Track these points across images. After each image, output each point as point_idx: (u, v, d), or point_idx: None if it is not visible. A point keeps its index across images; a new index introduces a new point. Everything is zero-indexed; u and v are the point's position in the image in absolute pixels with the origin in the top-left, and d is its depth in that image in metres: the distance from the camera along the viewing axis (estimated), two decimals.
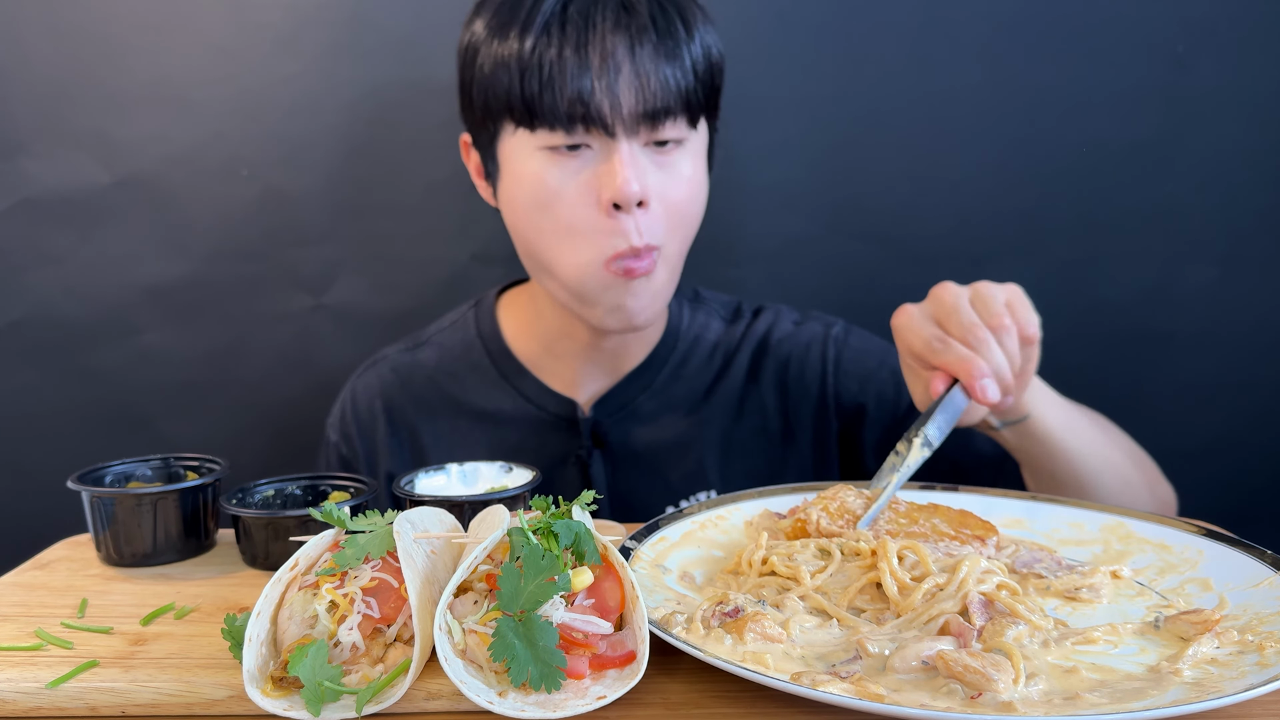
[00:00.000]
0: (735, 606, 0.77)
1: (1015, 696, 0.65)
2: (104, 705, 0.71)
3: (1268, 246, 1.66)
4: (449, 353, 1.41)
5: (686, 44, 1.16)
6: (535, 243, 1.22)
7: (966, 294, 1.04)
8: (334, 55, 1.60)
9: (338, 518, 0.76)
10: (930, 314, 1.05)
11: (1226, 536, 0.89)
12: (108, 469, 1.01)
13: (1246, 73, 1.60)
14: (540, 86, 1.13)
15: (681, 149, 1.20)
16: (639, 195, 1.14)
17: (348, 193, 1.65)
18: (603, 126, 1.13)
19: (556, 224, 1.18)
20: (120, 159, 1.61)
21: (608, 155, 1.15)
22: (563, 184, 1.16)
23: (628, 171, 1.13)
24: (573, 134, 1.14)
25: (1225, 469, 1.72)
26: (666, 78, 1.14)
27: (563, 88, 1.12)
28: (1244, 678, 0.67)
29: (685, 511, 0.98)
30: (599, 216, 1.16)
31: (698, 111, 1.20)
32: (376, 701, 0.66)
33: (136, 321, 1.66)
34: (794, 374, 1.37)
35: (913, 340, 1.05)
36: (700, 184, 1.24)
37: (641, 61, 1.13)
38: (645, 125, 1.15)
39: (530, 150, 1.17)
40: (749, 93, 1.62)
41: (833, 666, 0.70)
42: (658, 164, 1.18)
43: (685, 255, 1.27)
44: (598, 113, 1.13)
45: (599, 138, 1.15)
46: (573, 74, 1.12)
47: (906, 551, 0.83)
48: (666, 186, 1.18)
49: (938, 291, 1.05)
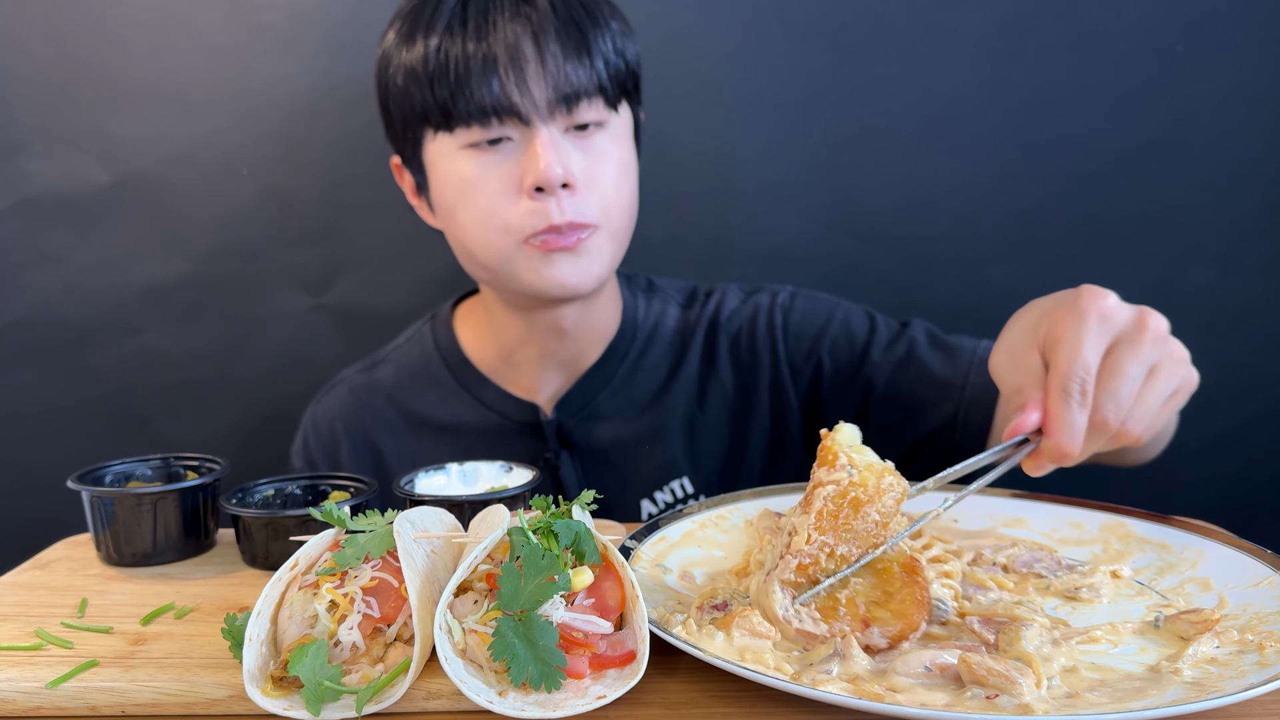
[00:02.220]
0: (723, 601, 0.77)
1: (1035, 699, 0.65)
2: (104, 705, 0.71)
3: (1268, 246, 1.66)
4: (406, 369, 1.40)
5: (591, 29, 1.17)
6: (464, 238, 1.22)
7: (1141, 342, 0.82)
8: (334, 55, 1.60)
9: (338, 517, 0.76)
10: (1100, 335, 0.82)
11: (1226, 536, 0.89)
12: (108, 469, 1.00)
13: (1246, 73, 1.60)
14: (451, 88, 1.14)
15: (603, 131, 1.20)
16: (562, 177, 1.14)
17: (348, 193, 1.65)
18: (517, 116, 1.14)
19: (479, 213, 1.18)
20: (120, 159, 1.61)
21: (528, 143, 1.16)
22: (484, 176, 1.17)
23: (549, 155, 1.13)
24: (489, 128, 1.15)
25: (1225, 469, 1.72)
26: (574, 62, 1.15)
27: (472, 85, 1.13)
28: (1244, 677, 0.67)
29: (685, 511, 0.98)
30: (521, 200, 1.16)
31: (615, 95, 1.20)
32: (376, 701, 0.66)
33: (136, 321, 1.66)
34: (745, 347, 1.36)
35: (1069, 355, 0.81)
36: (628, 165, 1.24)
37: (547, 46, 1.14)
38: (560, 110, 1.15)
39: (452, 151, 1.18)
40: (749, 93, 1.63)
41: (810, 666, 0.70)
42: (581, 148, 1.18)
43: (629, 235, 1.26)
44: (510, 103, 1.13)
45: (516, 128, 1.16)
46: (479, 70, 1.13)
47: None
48: (593, 169, 1.18)
49: (1114, 312, 0.83)
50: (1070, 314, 0.82)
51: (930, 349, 1.29)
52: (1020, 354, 0.86)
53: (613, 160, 1.20)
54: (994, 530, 0.99)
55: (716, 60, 1.62)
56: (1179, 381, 0.85)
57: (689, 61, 1.61)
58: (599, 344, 1.36)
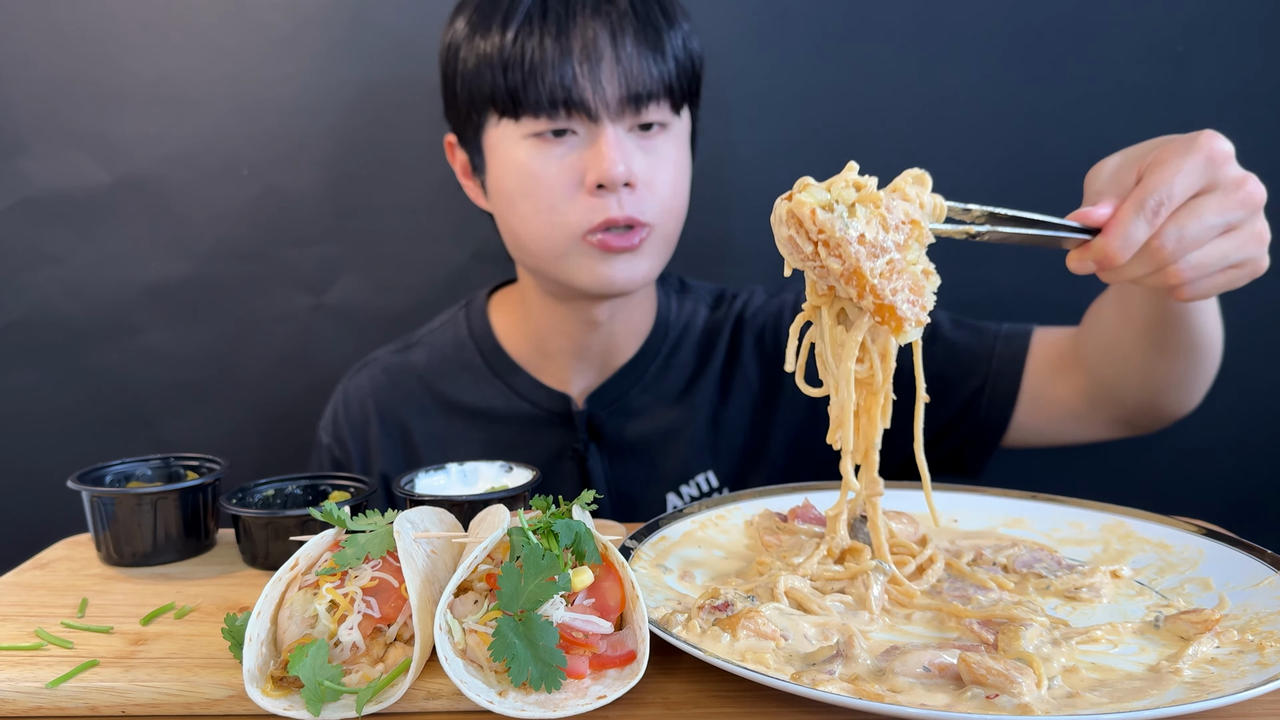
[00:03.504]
0: (725, 601, 0.77)
1: (1034, 699, 0.65)
2: (104, 705, 0.71)
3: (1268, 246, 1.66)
4: (440, 353, 1.42)
5: (667, 31, 1.19)
6: (518, 227, 1.23)
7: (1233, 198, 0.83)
8: (334, 55, 1.60)
9: (338, 517, 0.76)
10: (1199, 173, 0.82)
11: (1226, 536, 0.89)
12: (108, 469, 1.00)
13: (1246, 73, 1.60)
14: (524, 76, 1.15)
15: (666, 134, 1.22)
16: (625, 176, 1.16)
17: (348, 193, 1.65)
18: (586, 111, 1.16)
19: (538, 205, 1.20)
20: (120, 159, 1.61)
21: (593, 139, 1.17)
22: (546, 168, 1.18)
23: (614, 153, 1.15)
24: (556, 120, 1.16)
25: (1225, 469, 1.72)
26: (649, 62, 1.16)
27: (545, 76, 1.14)
28: (1244, 677, 0.67)
29: (685, 511, 0.98)
30: (582, 196, 1.18)
31: (680, 98, 1.22)
32: (376, 701, 0.66)
33: (136, 321, 1.66)
34: (769, 340, 1.38)
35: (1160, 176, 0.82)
36: (684, 169, 1.26)
37: (623, 47, 1.15)
38: (629, 109, 1.17)
39: (515, 139, 1.19)
40: (749, 93, 1.62)
41: (813, 665, 0.70)
42: (644, 148, 1.20)
43: (676, 240, 1.29)
44: (580, 98, 1.15)
45: (583, 123, 1.17)
46: (554, 62, 1.14)
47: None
48: (653, 170, 1.20)
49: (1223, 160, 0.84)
50: (1182, 145, 0.82)
51: (955, 328, 1.32)
52: (1118, 170, 0.87)
53: (671, 162, 1.23)
54: (994, 530, 0.99)
55: (716, 60, 1.62)
56: (1248, 256, 0.84)
57: None
58: (633, 340, 1.38)
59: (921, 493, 1.03)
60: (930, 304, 0.78)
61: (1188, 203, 0.81)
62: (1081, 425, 1.26)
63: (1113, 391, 1.19)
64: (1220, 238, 0.82)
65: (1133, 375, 1.14)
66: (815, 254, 0.76)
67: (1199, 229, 0.81)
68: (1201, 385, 1.16)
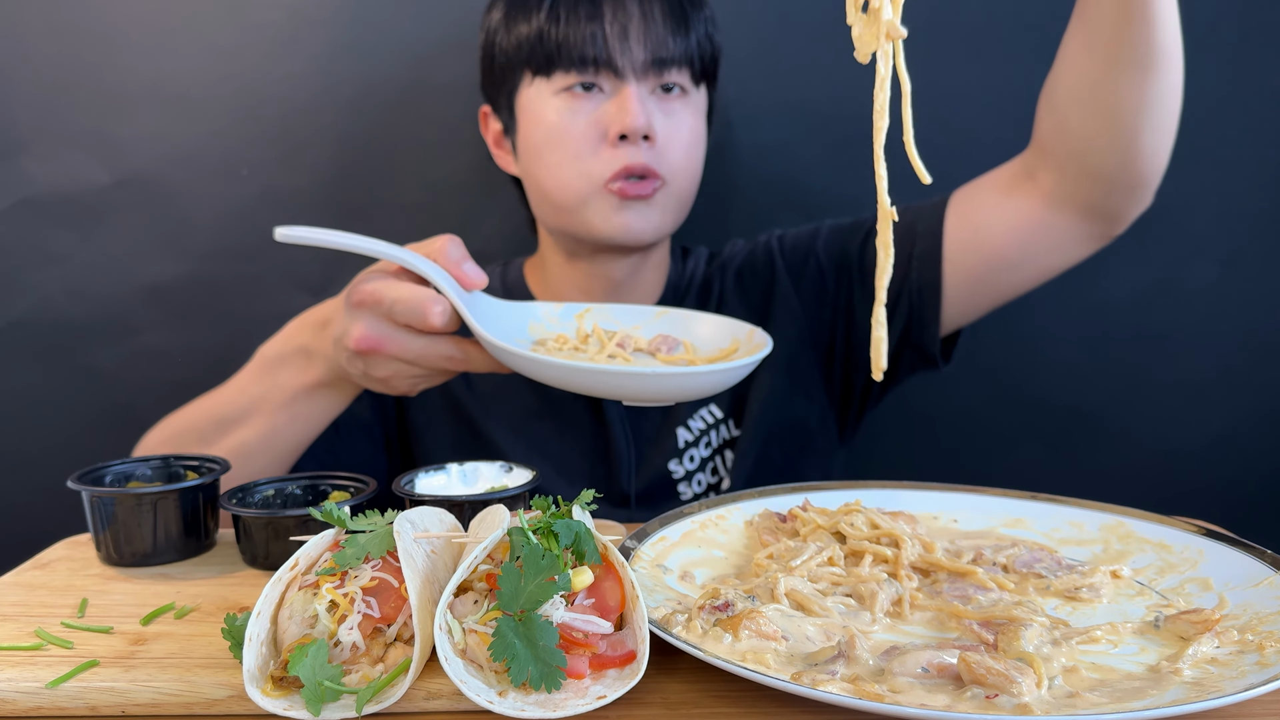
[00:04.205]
0: (726, 601, 0.77)
1: (1034, 699, 0.65)
2: (104, 705, 0.71)
3: (1268, 246, 1.66)
4: None
5: (692, 10, 1.30)
6: (544, 178, 1.31)
7: None
8: (334, 55, 1.60)
9: (338, 517, 0.76)
10: None
11: (1226, 536, 0.89)
12: (108, 469, 1.00)
13: (1246, 73, 1.60)
14: (558, 38, 1.26)
15: (685, 100, 1.31)
16: (645, 129, 1.24)
17: (348, 193, 1.65)
18: (613, 69, 1.25)
19: (564, 155, 1.28)
20: (120, 159, 1.61)
21: (618, 96, 1.26)
22: (573, 120, 1.27)
23: (636, 106, 1.24)
24: (585, 74, 1.26)
25: (1225, 469, 1.72)
26: (674, 33, 1.27)
27: (579, 34, 1.25)
28: (1244, 677, 0.67)
29: (685, 511, 0.98)
30: (605, 148, 1.27)
31: (699, 72, 1.32)
32: (376, 701, 0.66)
33: (136, 321, 1.66)
34: (747, 275, 1.46)
35: None
36: (700, 137, 1.35)
37: (651, 14, 1.26)
38: (653, 71, 1.27)
39: (547, 96, 1.29)
40: (749, 93, 1.62)
41: (814, 665, 0.70)
42: (664, 110, 1.29)
43: (689, 203, 1.37)
44: (609, 56, 1.25)
45: (609, 79, 1.27)
46: (586, 24, 1.25)
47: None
48: (671, 130, 1.29)
49: None
50: None
51: (903, 211, 1.33)
52: None
53: (688, 127, 1.31)
54: (994, 530, 0.99)
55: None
56: None
57: None
58: (648, 301, 1.45)
59: (921, 492, 1.04)
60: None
61: None
62: (1050, 233, 1.26)
63: (1080, 153, 1.19)
64: None
65: (1100, 111, 1.15)
66: None
67: None
68: (1166, 119, 1.17)
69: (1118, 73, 1.12)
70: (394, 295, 1.00)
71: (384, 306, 1.00)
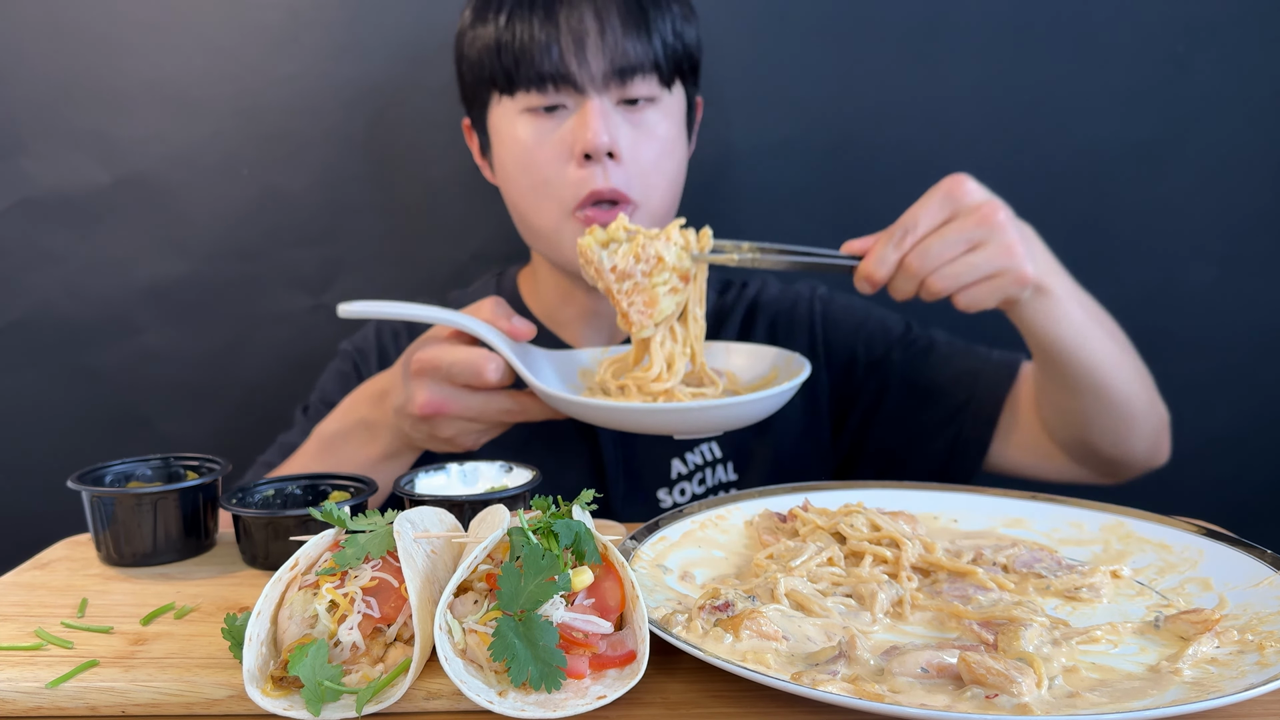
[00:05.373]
0: (726, 601, 0.77)
1: (1034, 699, 0.65)
2: (104, 705, 0.71)
3: (1268, 246, 1.66)
4: None
5: (652, 9, 1.24)
6: (519, 201, 1.30)
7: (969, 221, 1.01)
8: (334, 55, 1.60)
9: (338, 517, 0.76)
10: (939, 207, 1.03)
11: (1226, 536, 0.89)
12: (108, 469, 1.00)
13: (1246, 73, 1.60)
14: (515, 55, 1.22)
15: (654, 107, 1.27)
16: (608, 145, 1.20)
17: (348, 193, 1.65)
18: (572, 84, 1.22)
19: (534, 179, 1.26)
20: (120, 159, 1.61)
21: (581, 112, 1.23)
22: (540, 141, 1.25)
23: (597, 123, 1.20)
24: (546, 94, 1.23)
25: (1225, 469, 1.72)
26: (634, 40, 1.22)
27: (535, 53, 1.21)
28: (1244, 677, 0.67)
29: (685, 511, 0.98)
30: (572, 169, 1.23)
31: (669, 73, 1.27)
32: (376, 701, 0.66)
33: (136, 321, 1.66)
34: (783, 329, 1.43)
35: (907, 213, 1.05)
36: (675, 143, 1.30)
37: (609, 21, 1.21)
38: (614, 82, 1.22)
39: (513, 115, 1.27)
40: (749, 92, 1.62)
41: (815, 665, 0.70)
42: (631, 121, 1.25)
43: (669, 215, 1.32)
44: (567, 71, 1.21)
45: (571, 96, 1.23)
46: (543, 40, 1.21)
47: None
48: (638, 142, 1.25)
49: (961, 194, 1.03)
50: (931, 190, 1.04)
51: (949, 345, 1.37)
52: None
53: (658, 138, 1.27)
54: (994, 530, 0.99)
55: (717, 60, 1.62)
56: (1000, 266, 1.01)
57: None
58: None
59: (921, 492, 1.04)
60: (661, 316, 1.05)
61: (936, 229, 1.01)
62: (1053, 464, 1.31)
63: (1053, 432, 1.27)
64: (968, 253, 1.00)
65: (1055, 414, 1.24)
66: (593, 275, 1.07)
67: (942, 246, 1.00)
68: (1126, 430, 1.21)
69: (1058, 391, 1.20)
70: (451, 358, 1.07)
71: (443, 370, 1.07)
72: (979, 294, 1.02)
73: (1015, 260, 1.01)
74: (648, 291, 1.05)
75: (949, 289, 1.01)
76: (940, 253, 1.00)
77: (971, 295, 1.02)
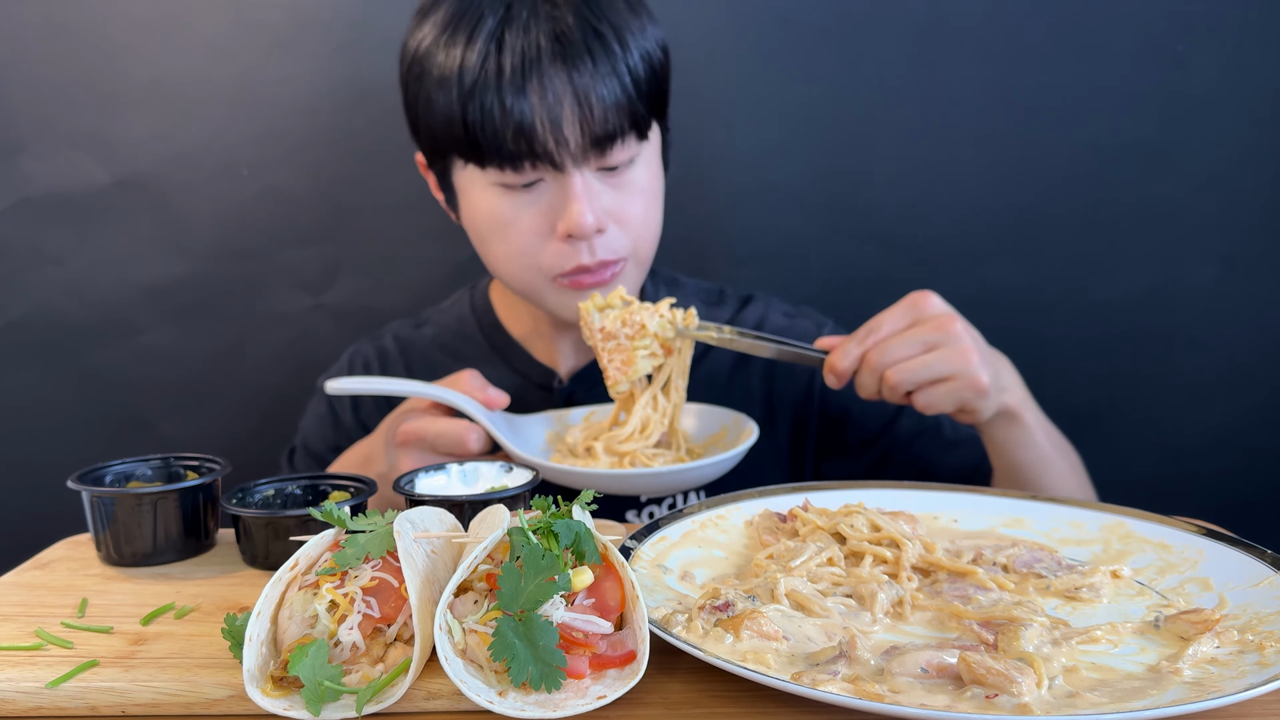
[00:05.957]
0: (726, 601, 0.77)
1: (1034, 699, 0.65)
2: (104, 705, 0.71)
3: (1268, 246, 1.66)
4: (446, 329, 1.47)
5: (624, 58, 1.16)
6: (493, 263, 1.29)
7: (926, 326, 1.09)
8: (334, 55, 1.60)
9: (338, 517, 0.76)
10: (903, 314, 1.11)
11: (1226, 536, 0.89)
12: (108, 469, 1.00)
13: (1246, 73, 1.60)
14: (484, 129, 1.14)
15: (633, 165, 1.22)
16: (595, 225, 1.17)
17: (347, 193, 1.65)
18: (551, 162, 1.16)
19: (511, 249, 1.23)
20: (120, 159, 1.61)
21: (561, 187, 1.18)
22: (517, 216, 1.20)
23: (582, 205, 1.16)
24: (523, 173, 1.17)
25: (1225, 469, 1.72)
26: (607, 103, 1.15)
27: (506, 128, 1.13)
28: (1244, 677, 0.67)
29: (685, 511, 0.98)
30: (553, 243, 1.20)
31: (645, 123, 1.21)
32: (376, 701, 0.66)
33: (136, 321, 1.66)
34: (783, 368, 1.40)
35: (875, 318, 1.12)
36: (656, 192, 1.27)
37: (581, 89, 1.14)
38: (594, 153, 1.17)
39: (484, 185, 1.21)
40: (749, 93, 1.63)
41: (816, 666, 0.70)
42: (611, 185, 1.21)
43: (651, 258, 1.31)
44: (544, 149, 1.14)
45: (549, 171, 1.17)
46: (514, 113, 1.13)
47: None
48: (622, 206, 1.21)
49: (923, 305, 1.11)
50: (899, 301, 1.11)
51: (954, 427, 1.37)
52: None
53: (641, 191, 1.23)
54: (994, 530, 0.99)
55: (717, 60, 1.62)
56: (953, 369, 1.07)
57: (689, 62, 1.61)
58: None
59: (921, 492, 1.04)
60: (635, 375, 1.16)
61: (898, 332, 1.09)
62: None
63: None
64: (925, 353, 1.07)
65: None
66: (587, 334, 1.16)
67: (899, 345, 1.08)
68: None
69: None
70: (435, 430, 1.13)
71: (427, 441, 1.13)
72: (935, 395, 1.08)
73: (969, 366, 1.07)
74: (627, 352, 1.14)
75: (905, 383, 1.07)
76: (898, 350, 1.08)
77: (929, 396, 1.08)
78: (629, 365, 1.15)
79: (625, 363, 1.15)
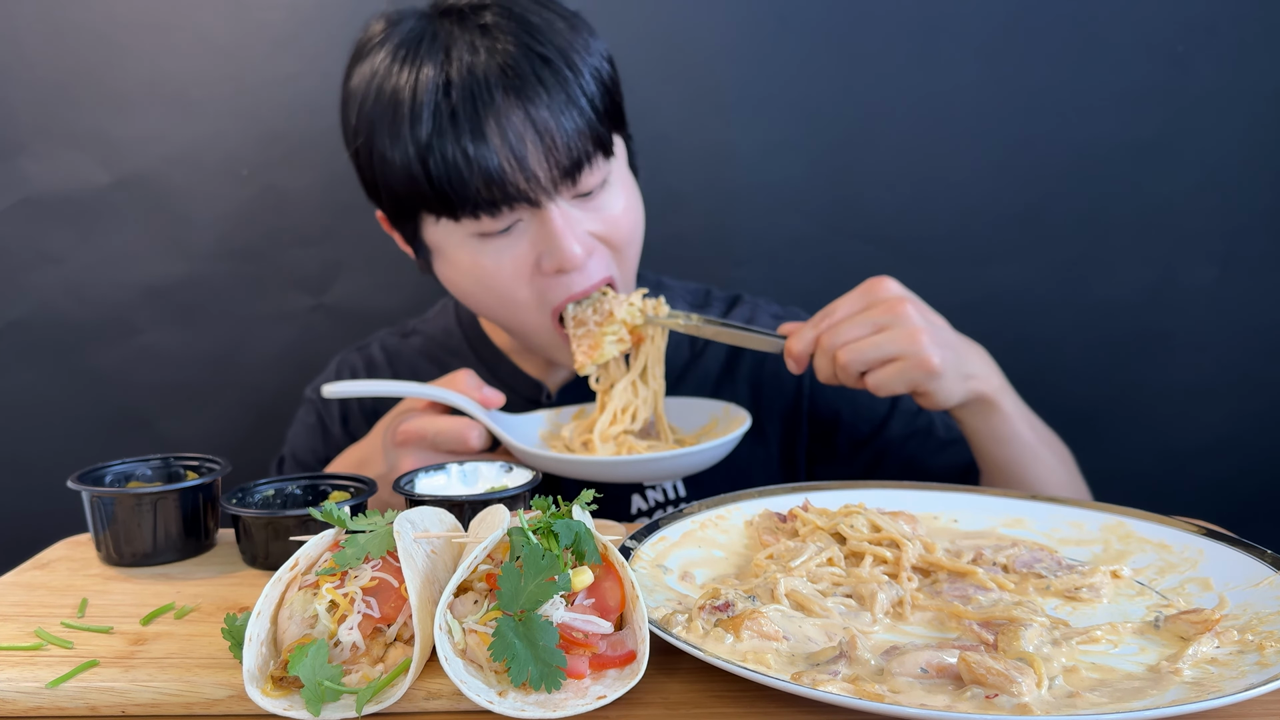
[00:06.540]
0: (726, 601, 0.77)
1: (1034, 699, 0.65)
2: (104, 705, 0.71)
3: (1268, 246, 1.66)
4: (433, 340, 1.46)
5: (576, 82, 1.13)
6: (482, 313, 1.29)
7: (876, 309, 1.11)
8: (334, 55, 1.60)
9: (338, 517, 0.76)
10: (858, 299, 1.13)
11: (1226, 536, 0.89)
12: (108, 469, 1.00)
13: (1246, 73, 1.60)
14: (450, 182, 1.10)
15: (606, 185, 1.20)
16: (583, 257, 1.15)
17: (348, 193, 1.64)
18: (526, 200, 1.13)
19: (498, 298, 1.21)
20: (120, 159, 1.61)
21: (540, 223, 1.15)
22: (500, 263, 1.17)
23: (568, 239, 1.14)
24: (499, 218, 1.14)
25: (1225, 469, 1.72)
26: (569, 131, 1.12)
27: (474, 176, 1.10)
28: (1244, 677, 0.67)
29: (685, 511, 0.98)
30: (540, 279, 1.18)
31: (609, 141, 1.18)
32: (376, 701, 0.66)
33: (136, 321, 1.66)
34: (769, 373, 1.38)
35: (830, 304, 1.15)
36: (632, 203, 1.24)
37: (541, 122, 1.10)
38: (565, 183, 1.14)
39: (460, 239, 1.17)
40: (749, 93, 1.63)
41: (816, 666, 0.70)
42: (590, 210, 1.18)
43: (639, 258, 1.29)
44: (517, 190, 1.11)
45: (525, 210, 1.14)
46: (479, 160, 1.09)
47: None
48: (604, 228, 1.20)
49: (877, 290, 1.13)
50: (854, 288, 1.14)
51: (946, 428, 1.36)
52: None
53: (618, 208, 1.21)
54: (994, 530, 0.99)
55: (716, 60, 1.62)
56: (902, 350, 1.08)
57: (688, 61, 1.61)
58: None
59: (921, 492, 1.04)
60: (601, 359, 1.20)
61: (850, 316, 1.11)
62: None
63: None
64: (874, 334, 1.09)
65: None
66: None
67: (850, 327, 1.10)
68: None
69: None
70: (436, 428, 1.13)
71: (428, 439, 1.14)
72: (885, 375, 1.09)
73: (917, 347, 1.07)
74: (595, 337, 1.19)
75: (855, 363, 1.09)
76: (848, 332, 1.10)
77: (878, 376, 1.09)
78: (595, 349, 1.19)
79: (593, 346, 1.20)
